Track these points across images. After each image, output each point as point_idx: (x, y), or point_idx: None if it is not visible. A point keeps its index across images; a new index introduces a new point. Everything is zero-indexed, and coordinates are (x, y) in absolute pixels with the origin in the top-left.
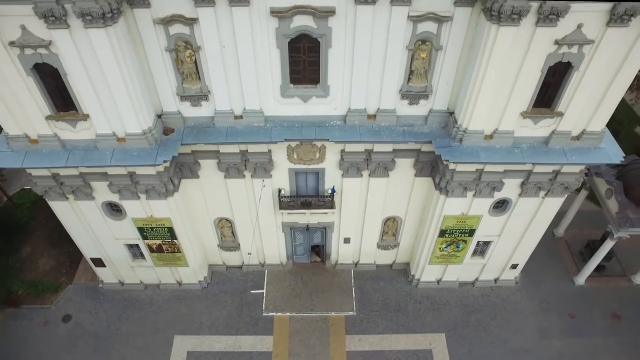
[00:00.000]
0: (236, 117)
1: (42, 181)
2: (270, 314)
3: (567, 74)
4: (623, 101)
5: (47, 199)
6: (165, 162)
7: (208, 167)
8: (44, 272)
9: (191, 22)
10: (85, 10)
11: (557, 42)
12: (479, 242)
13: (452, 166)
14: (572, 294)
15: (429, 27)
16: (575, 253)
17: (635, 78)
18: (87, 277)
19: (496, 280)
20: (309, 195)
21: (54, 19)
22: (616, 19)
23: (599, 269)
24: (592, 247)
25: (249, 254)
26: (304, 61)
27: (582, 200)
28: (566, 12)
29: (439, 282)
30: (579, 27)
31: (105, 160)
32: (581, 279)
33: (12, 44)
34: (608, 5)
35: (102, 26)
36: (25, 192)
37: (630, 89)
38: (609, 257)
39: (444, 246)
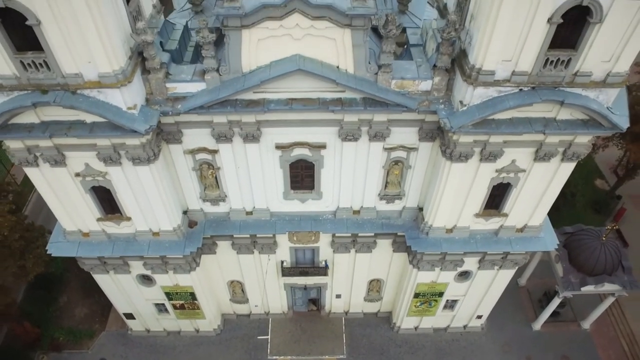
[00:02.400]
0: (247, 213)
1: (89, 261)
2: (274, 357)
3: (507, 189)
4: None
5: (91, 273)
6: (191, 252)
7: (223, 246)
8: (80, 320)
9: (213, 152)
10: (135, 155)
11: (497, 170)
12: (447, 300)
13: None
14: (529, 337)
15: (400, 154)
16: (534, 300)
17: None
18: (117, 324)
19: (465, 327)
20: (306, 266)
21: (111, 160)
22: (539, 158)
23: (554, 314)
24: (548, 296)
25: (255, 305)
26: (302, 174)
27: (542, 253)
28: (501, 154)
29: (416, 328)
30: (513, 161)
31: (143, 251)
32: (537, 325)
33: (77, 174)
34: (533, 149)
35: (147, 164)
36: None
37: None
38: (562, 304)
39: (418, 304)
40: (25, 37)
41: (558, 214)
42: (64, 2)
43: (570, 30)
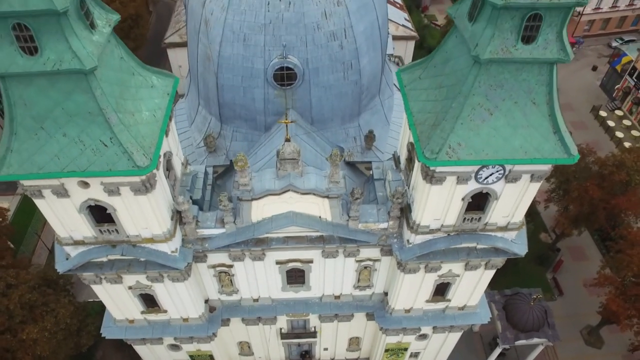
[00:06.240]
0: (254, 300)
1: (132, 338)
2: None
3: (448, 285)
4: (532, 206)
5: (132, 344)
6: (213, 334)
7: (235, 321)
8: None
9: (229, 266)
10: (174, 277)
11: (439, 276)
12: (411, 352)
13: None
14: None
15: (368, 263)
16: (485, 344)
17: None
18: None
19: None
20: (299, 331)
21: (156, 280)
22: (469, 268)
23: (501, 355)
24: (497, 340)
25: (259, 357)
26: (295, 276)
27: None
28: (440, 268)
29: None
30: (450, 270)
31: (175, 333)
32: None
33: (129, 287)
34: (463, 263)
35: (182, 281)
36: (90, 302)
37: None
38: (507, 347)
39: (389, 356)
40: (102, 215)
41: (503, 270)
42: (133, 200)
43: (479, 201)
